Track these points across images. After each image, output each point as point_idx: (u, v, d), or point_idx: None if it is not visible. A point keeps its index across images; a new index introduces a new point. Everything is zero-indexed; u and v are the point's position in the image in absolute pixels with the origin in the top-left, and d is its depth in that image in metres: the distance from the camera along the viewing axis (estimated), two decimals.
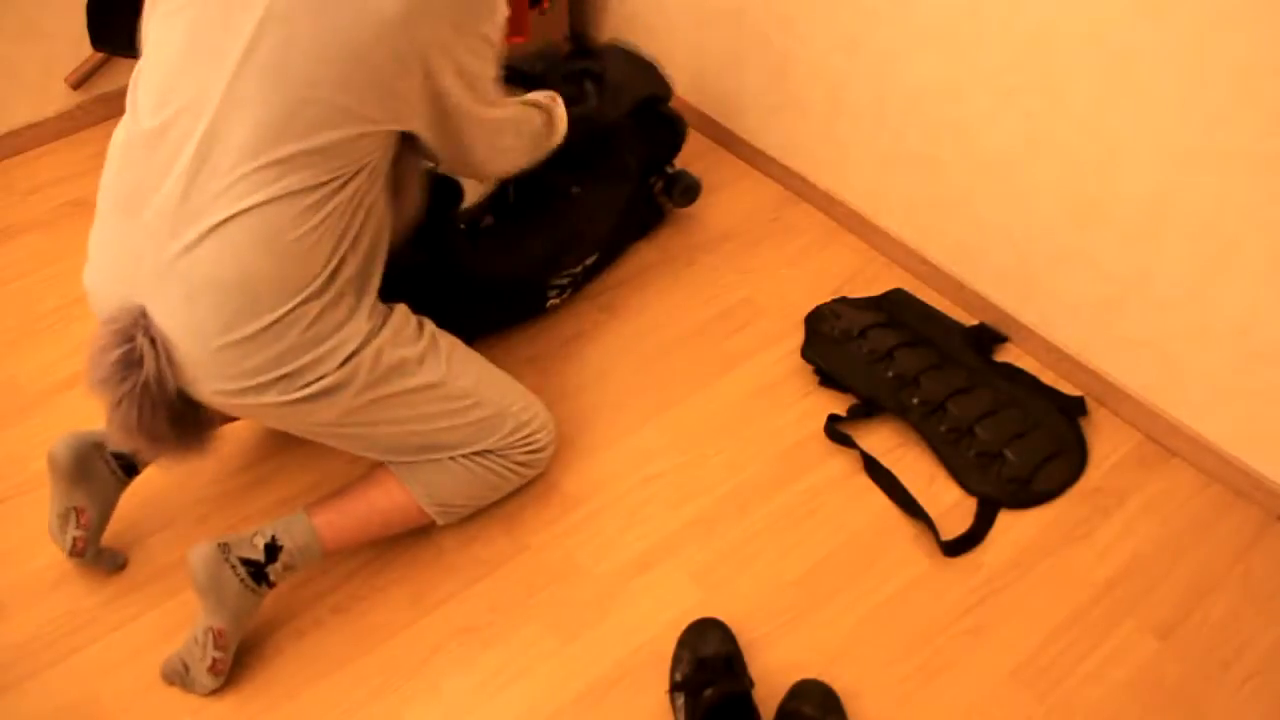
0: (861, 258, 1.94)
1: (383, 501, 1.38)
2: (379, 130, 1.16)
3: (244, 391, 1.17)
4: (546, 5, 1.99)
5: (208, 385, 1.17)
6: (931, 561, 1.49)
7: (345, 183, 1.15)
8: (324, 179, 1.13)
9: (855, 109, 1.84)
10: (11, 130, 2.17)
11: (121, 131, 1.18)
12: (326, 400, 1.21)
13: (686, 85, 2.19)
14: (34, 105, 2.18)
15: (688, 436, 1.65)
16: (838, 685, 1.34)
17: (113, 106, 2.25)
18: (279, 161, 1.10)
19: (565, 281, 1.78)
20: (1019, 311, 1.76)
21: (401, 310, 1.31)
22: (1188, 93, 1.34)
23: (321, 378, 1.19)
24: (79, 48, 2.12)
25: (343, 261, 1.19)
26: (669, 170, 1.94)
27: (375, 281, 1.28)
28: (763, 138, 2.09)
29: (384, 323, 1.26)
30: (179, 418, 1.20)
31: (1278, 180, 1.30)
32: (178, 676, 1.33)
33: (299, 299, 1.15)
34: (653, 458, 1.62)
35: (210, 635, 1.29)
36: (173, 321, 1.13)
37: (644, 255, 1.95)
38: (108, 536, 1.47)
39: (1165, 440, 1.62)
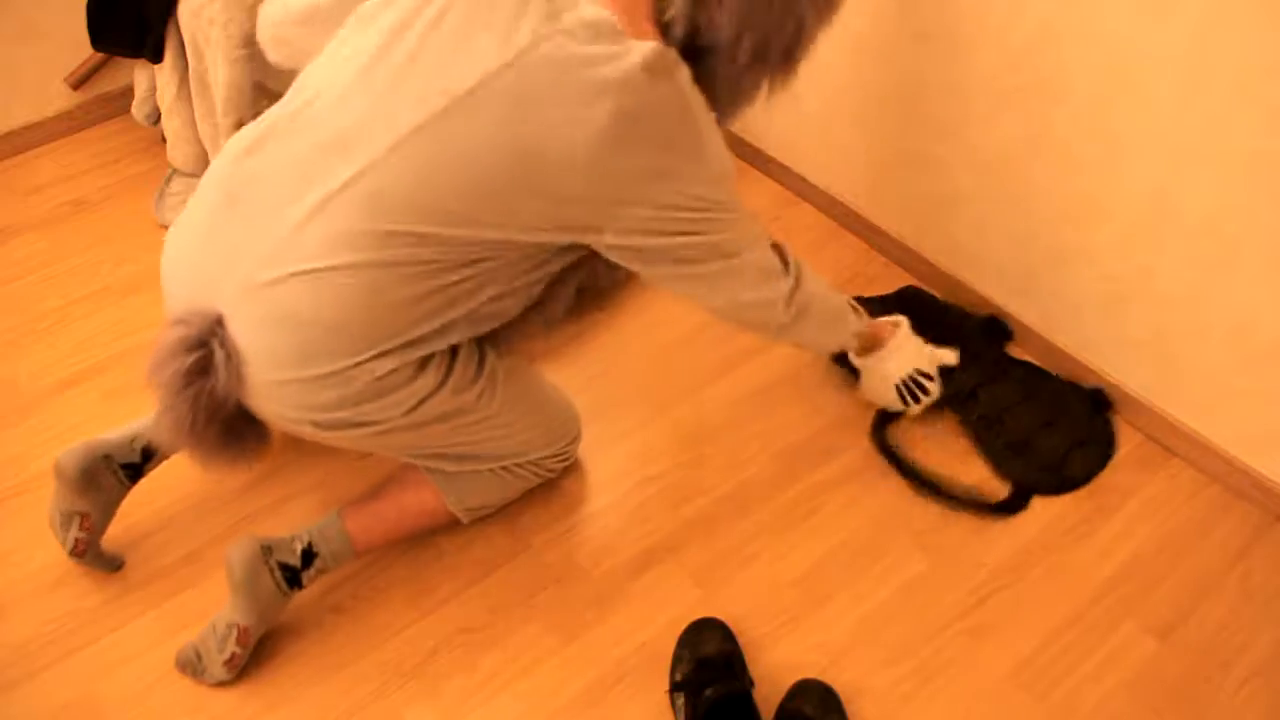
0: (861, 258, 1.94)
1: (414, 505, 1.40)
2: (521, 242, 1.15)
3: (302, 422, 1.19)
4: None
5: (269, 407, 1.18)
6: (931, 561, 1.49)
7: (463, 265, 1.14)
8: (440, 258, 1.12)
9: (855, 109, 1.84)
10: (11, 130, 2.17)
11: (270, 126, 1.17)
12: (385, 436, 1.23)
13: None
14: (34, 105, 2.18)
15: (688, 436, 1.65)
16: (838, 685, 1.34)
17: (113, 106, 2.25)
18: (409, 233, 1.09)
19: None
20: (1019, 311, 1.76)
21: (465, 351, 1.28)
22: (1188, 92, 1.33)
23: (383, 422, 1.20)
24: (79, 48, 2.11)
25: (433, 332, 1.19)
26: None
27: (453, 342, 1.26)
28: (763, 138, 2.09)
29: (449, 371, 1.24)
30: (230, 429, 1.21)
31: (1278, 180, 1.30)
32: (190, 665, 1.34)
33: (376, 351, 1.15)
34: (653, 458, 1.62)
35: (234, 631, 1.30)
36: (247, 341, 1.14)
37: None
38: (105, 537, 1.47)
39: (1165, 440, 1.62)
